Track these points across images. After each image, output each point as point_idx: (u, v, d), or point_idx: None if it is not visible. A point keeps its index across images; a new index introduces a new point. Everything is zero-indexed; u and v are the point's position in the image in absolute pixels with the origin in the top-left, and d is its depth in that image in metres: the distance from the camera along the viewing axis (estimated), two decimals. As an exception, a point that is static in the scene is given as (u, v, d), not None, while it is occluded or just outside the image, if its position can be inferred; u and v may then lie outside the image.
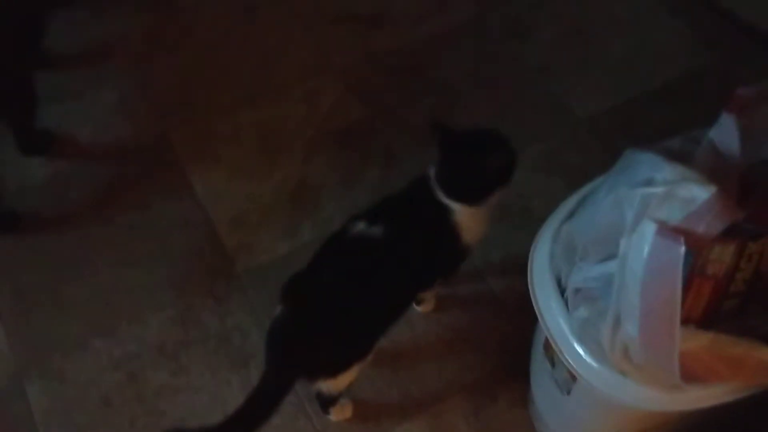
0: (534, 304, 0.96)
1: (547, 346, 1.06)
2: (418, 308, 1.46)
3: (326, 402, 1.31)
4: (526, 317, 1.45)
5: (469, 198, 1.19)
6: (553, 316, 0.93)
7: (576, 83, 1.84)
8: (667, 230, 0.74)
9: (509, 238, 1.58)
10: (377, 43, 1.92)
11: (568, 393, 1.04)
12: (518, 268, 1.52)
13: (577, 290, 0.90)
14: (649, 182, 0.78)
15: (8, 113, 1.57)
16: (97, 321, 1.46)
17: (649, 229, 0.75)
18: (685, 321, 0.79)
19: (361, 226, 1.17)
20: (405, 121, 1.76)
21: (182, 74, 1.85)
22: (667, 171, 0.78)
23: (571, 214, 0.98)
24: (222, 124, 1.76)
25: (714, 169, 0.79)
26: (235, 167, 1.69)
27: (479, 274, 1.53)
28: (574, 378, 0.98)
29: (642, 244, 0.75)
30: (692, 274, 0.80)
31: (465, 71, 1.86)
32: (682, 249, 0.73)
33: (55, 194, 1.64)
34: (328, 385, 1.22)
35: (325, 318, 1.13)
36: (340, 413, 1.34)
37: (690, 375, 0.83)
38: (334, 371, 1.18)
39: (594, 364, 0.91)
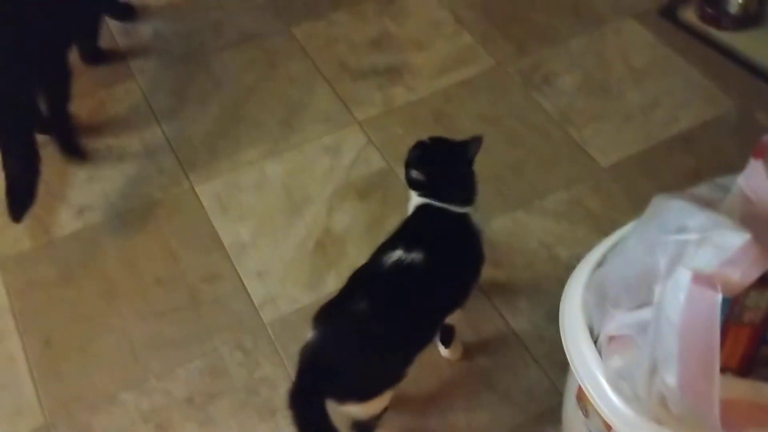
0: (566, 353, 0.96)
1: (580, 396, 1.05)
2: (446, 354, 1.45)
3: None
4: (555, 365, 1.45)
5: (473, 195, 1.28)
6: (587, 365, 0.93)
7: (596, 131, 1.86)
8: (703, 278, 0.74)
9: (535, 286, 1.58)
10: (398, 95, 1.95)
11: (603, 443, 1.03)
12: (545, 315, 1.53)
13: (611, 338, 0.90)
14: (682, 229, 0.79)
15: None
16: (126, 374, 1.47)
17: (684, 276, 0.75)
18: (723, 369, 0.78)
19: (398, 254, 1.20)
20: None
21: (209, 127, 1.89)
22: (699, 218, 0.79)
23: (600, 262, 0.98)
24: (248, 177, 1.79)
25: (745, 215, 0.80)
26: (261, 219, 1.71)
27: (505, 322, 1.52)
28: (609, 428, 0.97)
29: (678, 292, 0.76)
30: (729, 321, 0.80)
31: (485, 120, 1.89)
32: (719, 297, 0.73)
33: (86, 247, 1.66)
34: (359, 411, 1.22)
35: (356, 340, 1.15)
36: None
37: (729, 423, 0.82)
38: (363, 396, 1.19)
39: (630, 413, 0.91)
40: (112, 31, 2.13)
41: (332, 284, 1.60)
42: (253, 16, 2.16)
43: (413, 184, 1.30)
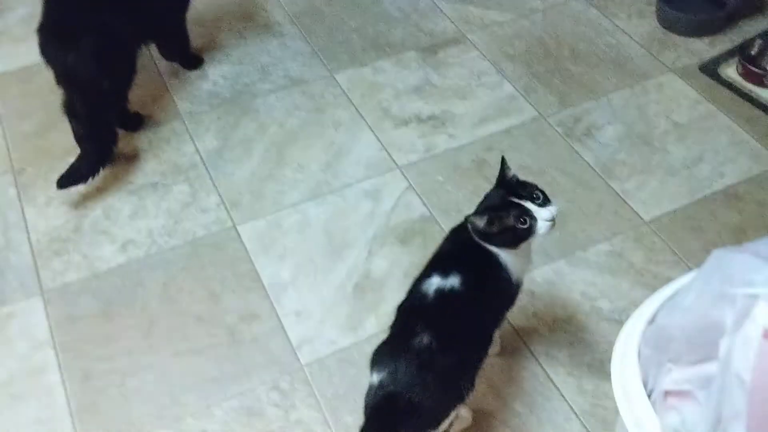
0: (619, 408, 0.94)
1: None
2: None
3: None
4: (596, 419, 1.42)
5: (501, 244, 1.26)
6: (641, 422, 0.91)
7: (639, 185, 1.85)
8: (774, 333, 0.73)
9: (576, 338, 1.56)
10: (439, 143, 1.97)
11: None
12: (586, 368, 1.51)
13: (668, 393, 0.88)
14: (749, 283, 0.78)
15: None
16: (162, 411, 1.47)
17: (755, 331, 0.74)
18: (791, 428, 0.76)
19: (436, 281, 1.22)
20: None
21: (253, 168, 1.91)
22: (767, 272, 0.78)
23: (653, 316, 0.97)
24: (290, 218, 1.81)
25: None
26: (302, 260, 1.72)
27: (545, 373, 1.50)
28: (661, 487, 0.94)
29: (747, 347, 0.74)
30: (795, 379, 0.78)
31: (527, 170, 1.89)
32: (791, 352, 0.72)
33: (128, 282, 1.68)
34: None
35: (419, 377, 1.17)
36: (458, 427, 1.36)
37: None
38: (437, 423, 1.21)
39: (686, 472, 0.88)
40: (161, 73, 2.18)
41: (371, 328, 1.59)
42: (298, 62, 2.21)
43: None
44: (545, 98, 2.08)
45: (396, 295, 1.63)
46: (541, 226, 1.22)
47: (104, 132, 1.84)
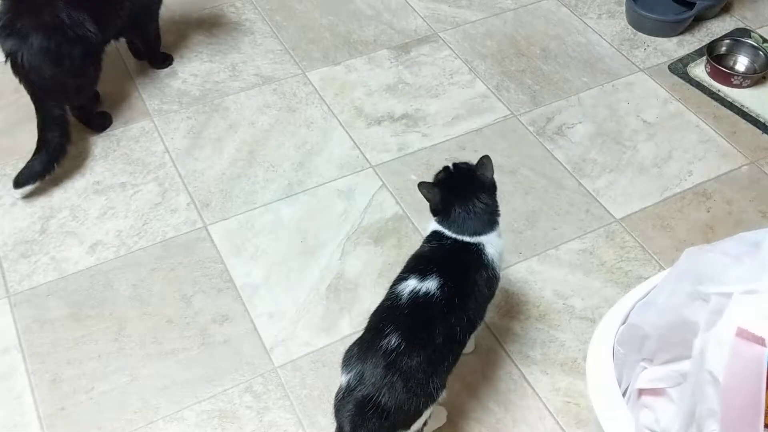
0: (594, 406, 0.94)
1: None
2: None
3: None
4: (569, 417, 1.43)
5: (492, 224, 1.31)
6: (615, 420, 0.91)
7: (610, 183, 1.87)
8: (748, 332, 0.73)
9: (549, 337, 1.57)
10: (412, 141, 1.97)
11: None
12: (559, 366, 1.51)
13: (641, 391, 0.88)
14: (722, 282, 0.79)
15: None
16: (134, 415, 1.44)
17: (728, 330, 0.75)
18: (766, 425, 0.77)
19: (412, 283, 1.22)
20: (441, 218, 1.78)
21: (224, 168, 1.89)
22: (739, 271, 0.78)
23: (627, 315, 0.97)
24: (262, 218, 1.79)
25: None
26: (274, 261, 1.70)
27: (519, 372, 1.50)
28: (636, 484, 0.95)
29: (721, 346, 0.75)
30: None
31: (500, 169, 1.87)
32: (765, 351, 0.72)
33: (97, 284, 1.65)
34: None
35: (392, 379, 1.16)
36: (433, 426, 1.35)
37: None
38: (408, 423, 1.21)
39: (660, 469, 0.89)
40: (129, 71, 2.15)
41: (345, 329, 1.58)
42: (270, 60, 2.19)
43: (431, 210, 1.35)
44: (517, 97, 2.09)
45: (370, 295, 1.63)
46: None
47: (55, 128, 1.79)
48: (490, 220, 1.32)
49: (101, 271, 1.68)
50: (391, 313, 1.23)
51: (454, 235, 1.30)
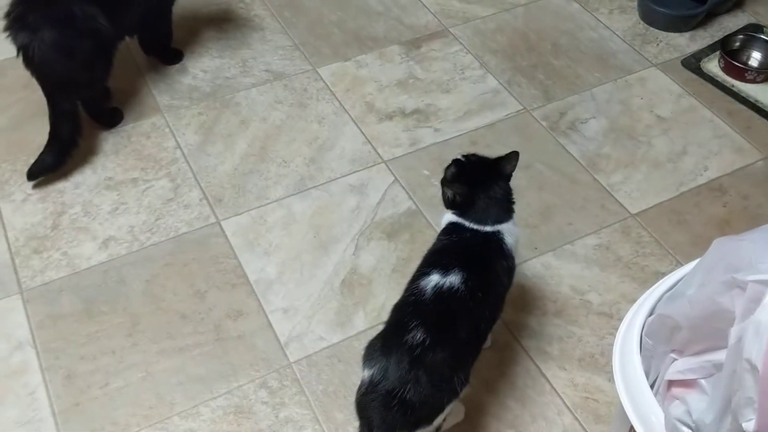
0: (623, 402, 0.93)
1: (629, 444, 1.02)
2: None
3: None
4: (588, 413, 1.41)
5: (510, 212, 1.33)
6: (645, 413, 0.90)
7: (624, 178, 1.85)
8: (788, 319, 0.72)
9: (566, 332, 1.56)
10: (424, 136, 1.96)
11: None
12: (577, 361, 1.50)
13: (671, 383, 0.87)
14: (758, 270, 0.77)
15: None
16: (148, 411, 1.43)
17: (766, 317, 0.73)
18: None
19: (435, 278, 1.22)
20: (455, 213, 1.77)
21: (236, 163, 1.88)
22: (775, 259, 0.77)
23: (653, 308, 0.96)
24: (275, 214, 1.78)
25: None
26: (288, 256, 1.69)
27: (537, 368, 1.49)
28: (663, 478, 0.93)
29: (760, 334, 0.73)
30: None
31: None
32: (805, 338, 0.71)
33: (110, 280, 1.64)
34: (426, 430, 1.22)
35: (418, 373, 1.15)
36: (451, 422, 1.34)
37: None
38: (431, 418, 1.20)
39: (691, 462, 0.87)
40: (139, 66, 2.14)
41: (359, 324, 1.57)
42: (280, 56, 2.18)
43: (447, 203, 1.33)
44: (529, 92, 2.08)
45: (384, 290, 1.62)
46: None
47: (66, 121, 1.79)
48: (508, 208, 1.32)
49: (114, 266, 1.67)
50: (415, 308, 1.22)
51: (474, 226, 1.29)
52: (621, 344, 0.96)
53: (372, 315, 1.59)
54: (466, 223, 1.30)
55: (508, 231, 1.31)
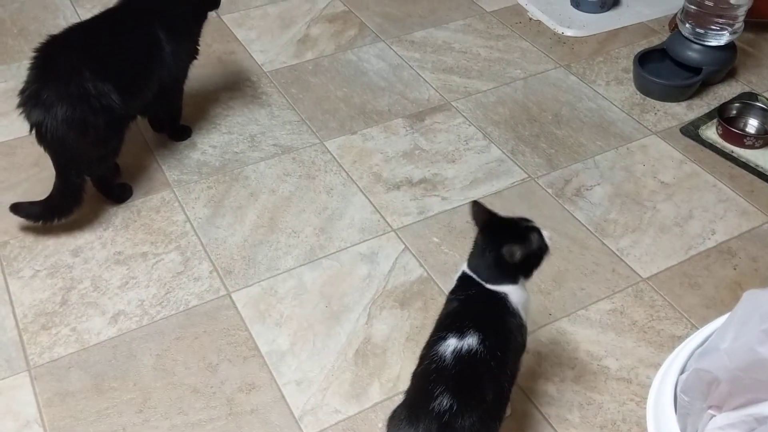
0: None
1: None
2: None
3: None
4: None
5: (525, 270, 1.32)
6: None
7: (633, 243, 1.86)
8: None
9: (586, 399, 1.53)
10: (432, 205, 1.97)
11: None
12: (599, 430, 1.47)
13: (710, 441, 0.85)
14: (796, 320, 0.77)
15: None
16: (160, 490, 1.38)
17: (813, 366, 0.72)
18: None
19: (452, 342, 1.21)
20: (467, 281, 1.77)
21: (246, 235, 1.88)
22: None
23: (684, 365, 0.95)
24: (285, 284, 1.77)
25: None
26: (299, 327, 1.67)
27: (560, 437, 1.46)
28: None
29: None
30: None
31: (522, 232, 1.89)
32: None
33: (120, 355, 1.61)
34: None
35: None
36: None
37: None
38: None
39: None
40: (148, 142, 2.17)
41: (375, 395, 1.54)
42: (287, 131, 2.21)
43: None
44: (533, 160, 2.11)
45: (399, 360, 1.60)
46: (547, 237, 1.32)
47: (71, 193, 1.81)
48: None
49: (124, 341, 1.64)
50: (438, 374, 1.20)
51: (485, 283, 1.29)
52: (654, 404, 0.94)
53: (388, 386, 1.56)
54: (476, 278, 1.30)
55: (514, 291, 1.31)
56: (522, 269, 1.29)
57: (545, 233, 1.32)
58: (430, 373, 1.22)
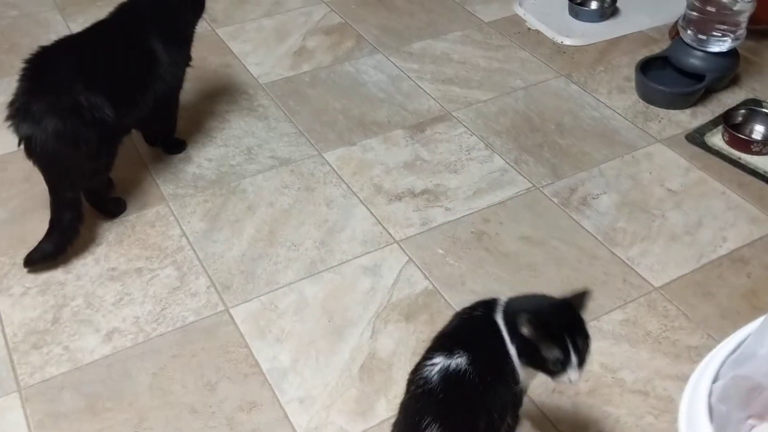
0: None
1: None
2: None
3: None
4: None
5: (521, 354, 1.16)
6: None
7: (643, 251, 1.81)
8: None
9: (602, 414, 1.47)
10: (435, 216, 1.92)
11: None
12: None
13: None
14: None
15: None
16: None
17: None
18: None
19: (440, 361, 1.14)
20: (472, 289, 1.72)
21: (243, 249, 1.82)
22: None
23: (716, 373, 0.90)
24: (286, 299, 1.71)
25: None
26: (301, 343, 1.61)
27: (576, 453, 1.40)
28: None
29: None
30: None
31: (528, 241, 1.84)
32: None
33: (114, 374, 1.55)
34: None
35: None
36: None
37: None
38: None
39: None
40: (142, 156, 2.11)
41: (382, 412, 1.48)
42: (285, 143, 2.17)
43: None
44: (537, 170, 2.07)
45: (405, 375, 1.52)
46: (563, 380, 1.14)
47: (68, 210, 1.74)
48: None
49: (118, 360, 1.58)
50: (420, 393, 1.16)
51: None
52: (687, 415, 0.89)
53: (395, 402, 1.49)
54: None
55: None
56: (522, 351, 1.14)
57: (574, 374, 1.13)
58: (416, 391, 1.18)
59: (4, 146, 1.91)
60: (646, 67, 2.32)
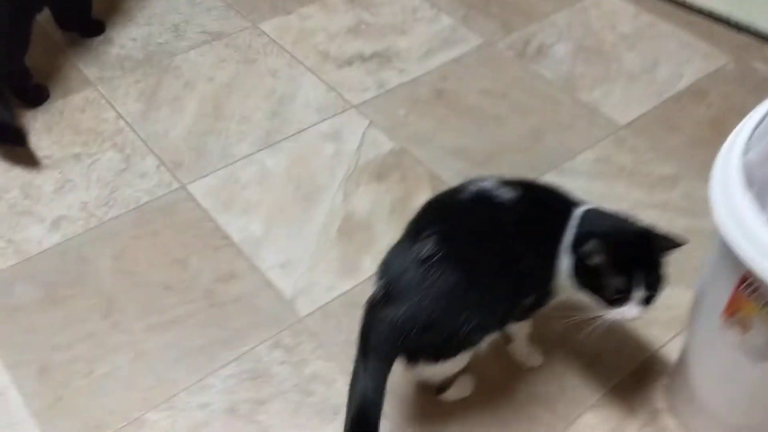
0: (725, 238, 0.82)
1: (733, 307, 0.91)
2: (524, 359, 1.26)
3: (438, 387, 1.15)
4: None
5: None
6: (761, 244, 0.79)
7: (605, 93, 1.79)
8: None
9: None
10: (390, 78, 1.82)
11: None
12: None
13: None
14: None
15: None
16: (147, 393, 1.21)
17: None
18: None
19: (483, 185, 1.05)
20: (441, 145, 1.65)
21: (188, 125, 1.68)
22: None
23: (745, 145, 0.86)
24: (246, 171, 1.59)
25: None
26: (271, 211, 1.51)
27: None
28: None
29: None
30: None
31: (489, 95, 1.78)
32: None
33: (69, 261, 1.40)
34: (429, 372, 1.07)
35: (428, 286, 0.98)
36: (455, 393, 1.17)
37: None
38: (435, 356, 1.03)
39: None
40: (58, 43, 1.90)
41: (369, 267, 1.40)
42: (213, 17, 1.99)
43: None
44: (487, 26, 1.99)
45: (387, 231, 1.47)
46: (618, 312, 1.00)
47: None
48: None
49: (71, 246, 1.43)
50: (442, 213, 1.09)
51: None
52: (722, 187, 0.85)
53: (380, 257, 1.42)
54: None
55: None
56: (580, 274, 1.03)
57: (634, 309, 0.99)
58: (437, 210, 1.13)
59: None
60: None
